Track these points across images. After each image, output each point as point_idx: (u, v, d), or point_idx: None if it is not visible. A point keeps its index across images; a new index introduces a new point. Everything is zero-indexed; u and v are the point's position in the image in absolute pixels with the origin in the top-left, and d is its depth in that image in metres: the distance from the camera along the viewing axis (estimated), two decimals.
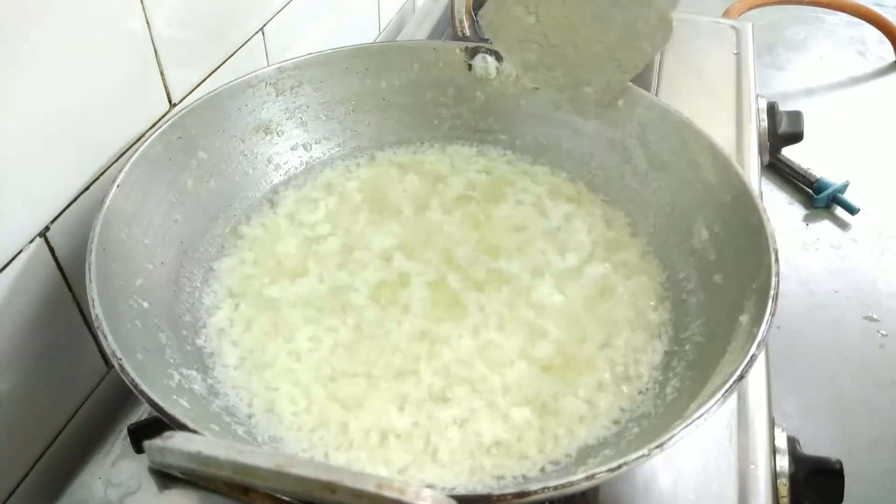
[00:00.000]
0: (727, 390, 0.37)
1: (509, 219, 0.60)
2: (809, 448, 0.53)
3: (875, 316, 0.81)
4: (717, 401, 0.37)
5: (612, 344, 0.51)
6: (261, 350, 0.50)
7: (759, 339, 0.40)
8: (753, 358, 0.39)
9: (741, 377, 0.38)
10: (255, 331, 0.51)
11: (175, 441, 0.28)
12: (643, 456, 0.35)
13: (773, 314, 0.42)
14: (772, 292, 0.42)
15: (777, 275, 0.44)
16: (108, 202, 0.46)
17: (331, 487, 0.25)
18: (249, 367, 0.49)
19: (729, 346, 0.43)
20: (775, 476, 0.49)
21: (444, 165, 0.64)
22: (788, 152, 0.98)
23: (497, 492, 0.34)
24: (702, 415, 0.36)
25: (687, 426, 0.36)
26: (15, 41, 0.41)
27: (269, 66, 0.60)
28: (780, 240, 0.45)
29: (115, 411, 0.51)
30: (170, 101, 0.56)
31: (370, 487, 0.25)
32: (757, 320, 0.42)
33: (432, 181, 0.63)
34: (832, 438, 0.69)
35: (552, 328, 0.51)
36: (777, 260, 0.45)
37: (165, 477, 0.46)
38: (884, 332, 0.79)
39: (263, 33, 0.66)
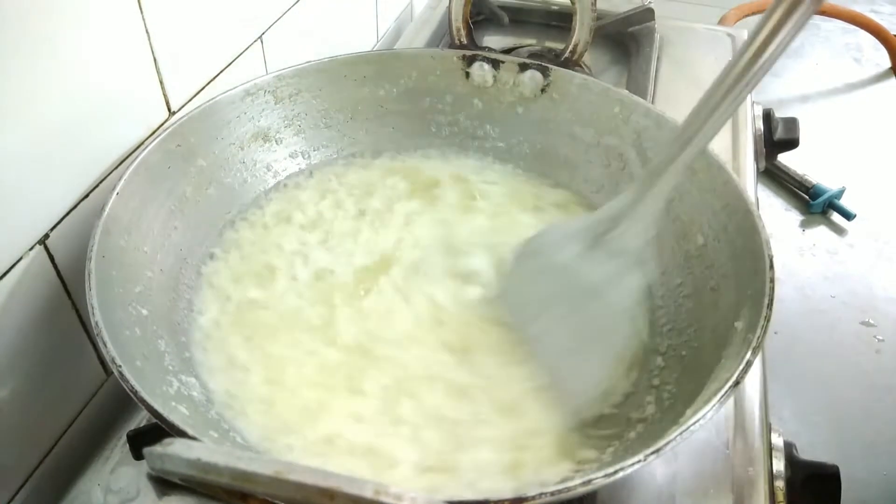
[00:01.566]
0: (723, 396, 0.37)
1: (503, 225, 0.60)
2: (806, 453, 0.53)
3: (871, 321, 0.81)
4: (712, 406, 0.37)
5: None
6: (251, 359, 0.50)
7: (754, 344, 0.40)
8: (749, 364, 0.39)
9: (737, 383, 0.38)
10: (245, 339, 0.51)
11: (174, 448, 0.28)
12: (639, 461, 0.35)
13: (768, 320, 0.42)
14: (766, 299, 0.43)
15: (772, 281, 0.44)
16: (107, 210, 0.46)
17: (329, 494, 0.26)
18: (237, 374, 0.49)
19: (725, 351, 0.43)
20: (772, 481, 0.49)
21: (441, 172, 0.65)
22: (785, 158, 0.99)
23: (494, 497, 0.34)
24: (697, 420, 0.36)
25: (682, 432, 0.36)
26: (14, 49, 0.41)
27: (267, 74, 0.60)
28: (777, 246, 0.46)
29: (114, 418, 0.51)
30: (169, 109, 0.56)
31: (368, 494, 0.25)
32: (752, 326, 0.42)
33: (428, 188, 0.63)
34: (829, 443, 0.69)
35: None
36: (772, 266, 0.45)
37: (164, 484, 0.47)
38: (880, 338, 0.79)
39: (262, 41, 0.67)
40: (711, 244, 0.52)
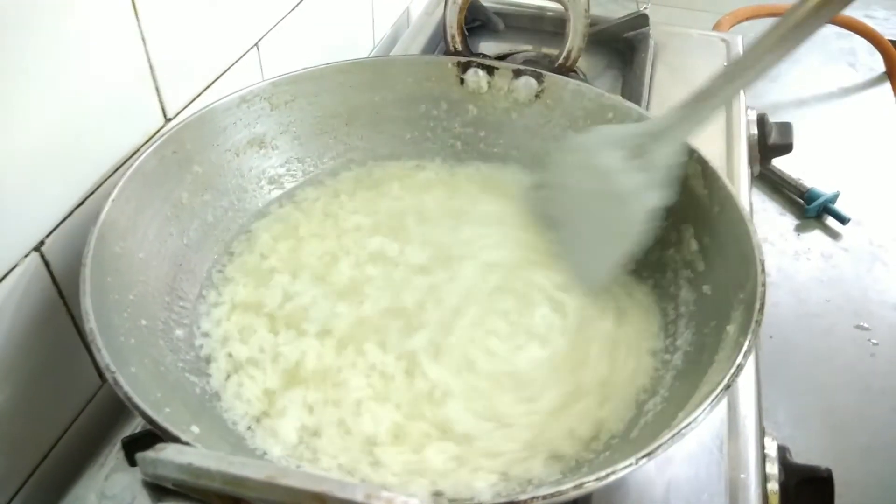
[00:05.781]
0: (714, 399, 0.38)
1: (501, 232, 0.60)
2: (802, 457, 0.53)
3: (866, 325, 0.81)
4: (703, 410, 0.37)
5: (604, 354, 0.51)
6: (249, 365, 0.50)
7: (745, 348, 0.40)
8: (740, 367, 0.40)
9: (727, 386, 0.38)
10: (243, 345, 0.51)
11: (167, 453, 0.28)
12: (630, 465, 0.35)
13: (759, 324, 0.42)
14: (758, 303, 0.43)
15: (763, 285, 0.44)
16: (102, 216, 0.46)
17: (320, 498, 0.26)
18: (237, 382, 0.49)
19: (717, 355, 0.44)
20: (765, 485, 0.49)
21: (436, 177, 0.65)
22: (780, 163, 0.99)
23: (487, 501, 0.34)
24: (689, 424, 0.37)
25: (674, 435, 0.36)
26: (10, 56, 0.41)
27: (263, 80, 0.61)
28: (772, 250, 0.46)
29: (108, 424, 0.52)
30: (165, 116, 0.56)
31: (359, 497, 0.26)
32: (744, 330, 0.42)
33: (423, 192, 0.63)
34: (824, 447, 0.69)
35: (547, 336, 0.52)
36: (763, 270, 0.45)
37: (159, 490, 0.47)
38: (875, 341, 0.80)
39: (258, 48, 0.67)
40: (705, 249, 0.53)
